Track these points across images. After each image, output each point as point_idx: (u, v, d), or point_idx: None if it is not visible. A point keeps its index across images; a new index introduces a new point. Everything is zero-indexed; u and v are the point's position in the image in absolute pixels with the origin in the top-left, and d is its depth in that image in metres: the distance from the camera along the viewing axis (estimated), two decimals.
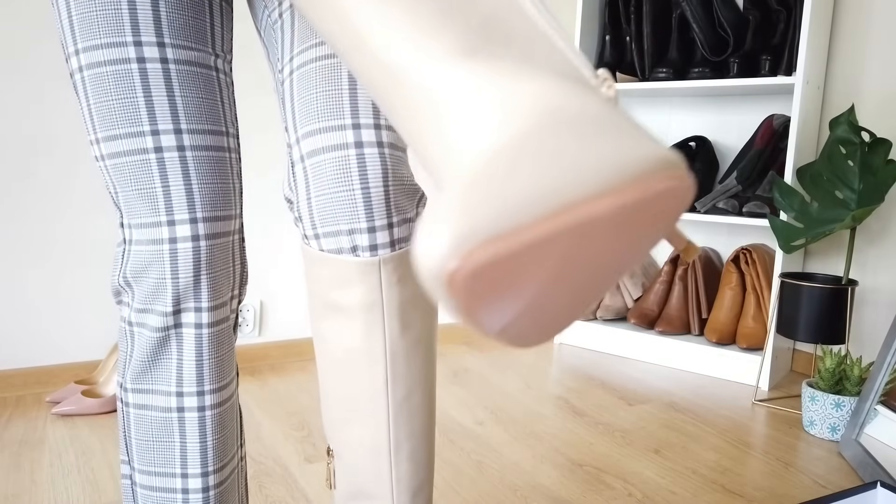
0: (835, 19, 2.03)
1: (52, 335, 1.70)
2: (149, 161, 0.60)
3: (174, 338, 0.62)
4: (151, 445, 0.63)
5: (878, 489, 1.09)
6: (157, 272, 0.61)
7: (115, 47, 0.58)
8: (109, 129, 0.60)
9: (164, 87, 0.60)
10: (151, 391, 0.63)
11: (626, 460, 1.42)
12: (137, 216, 0.61)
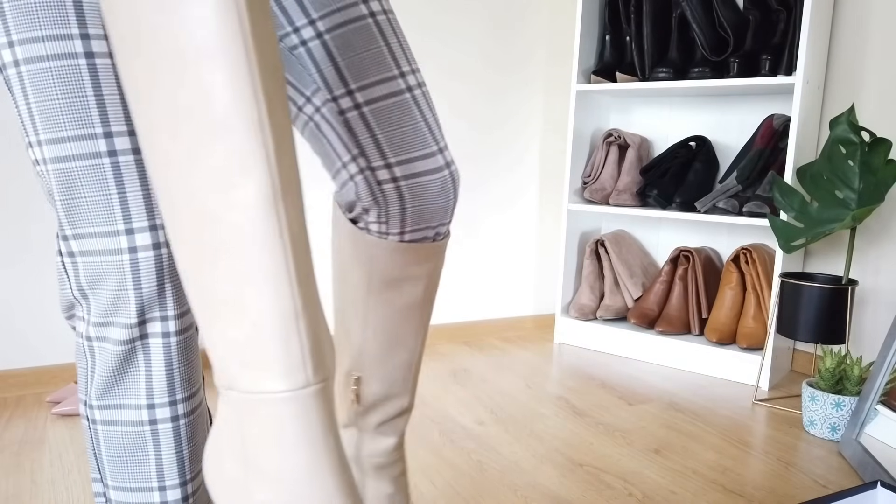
0: (835, 19, 2.03)
1: (52, 335, 1.70)
2: (102, 166, 0.55)
3: (140, 349, 0.59)
4: (125, 461, 0.60)
5: (879, 489, 1.09)
6: (115, 283, 0.57)
7: (59, 40, 0.53)
8: (54, 130, 0.54)
9: (115, 85, 0.55)
10: (120, 406, 0.60)
11: (626, 460, 1.42)
12: (87, 225, 0.56)
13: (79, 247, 0.57)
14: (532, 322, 2.52)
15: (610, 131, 2.36)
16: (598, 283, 2.40)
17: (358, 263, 0.79)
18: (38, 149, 0.55)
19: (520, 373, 2.00)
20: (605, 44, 2.34)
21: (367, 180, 0.73)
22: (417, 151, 0.72)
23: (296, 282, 0.42)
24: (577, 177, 2.39)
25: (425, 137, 0.73)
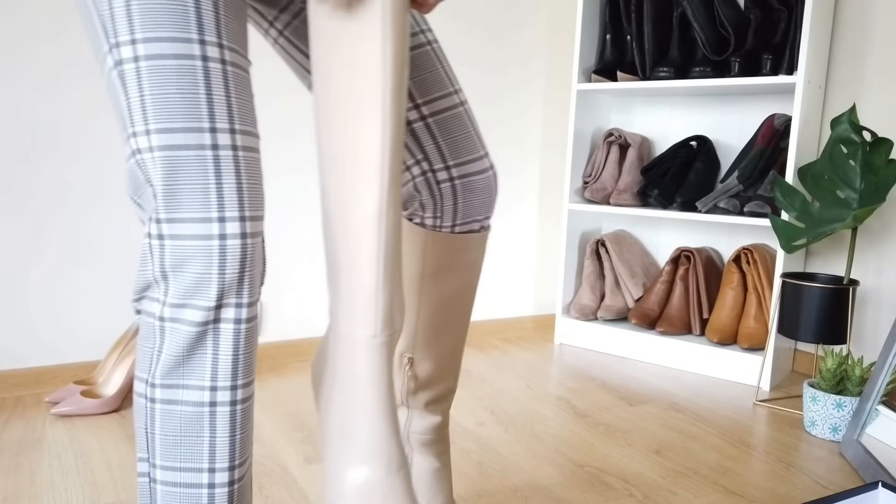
0: (836, 18, 2.03)
1: (52, 335, 1.69)
2: (205, 157, 0.62)
3: (212, 333, 0.63)
4: (179, 441, 0.64)
5: (880, 489, 1.08)
6: (201, 267, 0.62)
7: (181, 42, 0.60)
8: (166, 121, 0.61)
9: (222, 87, 0.62)
10: (183, 386, 0.64)
11: (626, 461, 1.41)
12: (183, 210, 0.62)
13: (170, 230, 0.62)
14: (532, 322, 2.51)
15: (611, 131, 2.36)
16: (598, 283, 2.40)
17: (411, 255, 0.89)
18: (146, 137, 0.61)
19: (520, 373, 1.99)
20: (606, 43, 2.33)
21: (428, 181, 0.86)
22: (470, 156, 0.86)
23: (383, 269, 0.63)
24: (578, 176, 2.38)
25: (475, 144, 0.86)
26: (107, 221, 1.73)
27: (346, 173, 0.62)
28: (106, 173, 1.72)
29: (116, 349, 1.66)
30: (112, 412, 1.56)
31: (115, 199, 1.74)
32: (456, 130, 0.85)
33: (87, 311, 1.73)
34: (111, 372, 1.61)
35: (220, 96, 0.62)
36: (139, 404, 0.65)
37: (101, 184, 1.72)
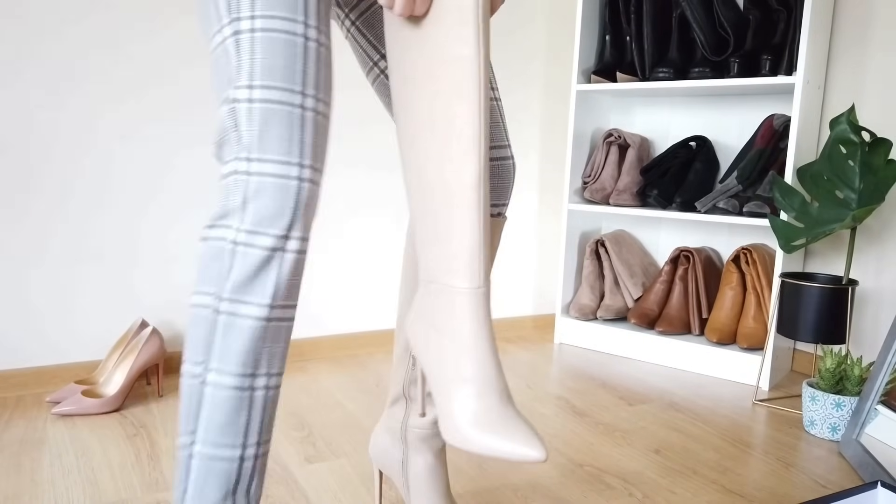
0: (835, 19, 2.03)
1: (53, 335, 1.70)
2: (294, 114, 0.75)
3: (278, 258, 0.74)
4: (240, 349, 0.75)
5: (879, 489, 1.09)
6: (279, 201, 0.74)
7: (289, 21, 0.75)
8: (269, 80, 0.74)
9: (314, 62, 0.77)
10: (246, 302, 0.74)
11: (626, 460, 1.42)
12: (270, 153, 0.74)
13: (258, 168, 0.74)
14: (532, 322, 2.52)
15: (610, 131, 2.36)
16: (598, 283, 2.40)
17: None
18: (248, 90, 0.74)
19: (520, 373, 2.00)
20: (606, 44, 2.34)
21: None
22: (498, 143, 0.97)
23: (483, 228, 0.74)
24: (578, 177, 2.39)
25: (503, 133, 0.98)
26: (108, 221, 1.73)
27: (447, 151, 0.73)
28: (108, 174, 1.72)
29: (117, 349, 1.66)
30: (113, 412, 1.56)
31: (116, 199, 1.74)
32: (491, 119, 0.95)
33: (88, 311, 1.73)
34: (112, 372, 1.61)
35: (312, 69, 0.76)
36: (202, 315, 0.75)
37: (102, 184, 1.72)
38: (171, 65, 1.77)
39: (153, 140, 1.77)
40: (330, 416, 1.60)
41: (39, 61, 1.62)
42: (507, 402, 0.75)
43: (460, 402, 0.74)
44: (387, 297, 2.19)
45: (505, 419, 0.73)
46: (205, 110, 1.83)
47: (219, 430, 0.74)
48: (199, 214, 1.85)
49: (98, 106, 1.69)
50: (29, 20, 1.59)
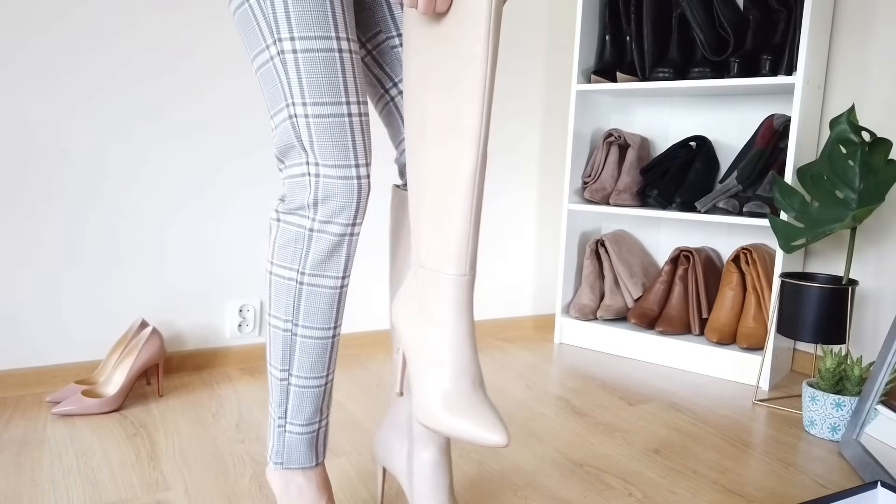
0: (835, 19, 2.03)
1: (53, 335, 1.70)
2: (344, 122, 0.89)
3: (347, 241, 0.93)
4: (321, 311, 0.95)
5: (879, 489, 1.09)
6: (345, 198, 0.91)
7: (325, 39, 0.86)
8: (318, 97, 0.87)
9: (351, 71, 0.89)
10: (324, 275, 0.94)
11: (626, 460, 1.42)
12: (331, 159, 0.90)
13: (324, 172, 0.90)
14: (532, 322, 2.52)
15: (610, 131, 2.36)
16: (598, 283, 2.40)
17: (407, 221, 1.02)
18: (303, 107, 0.88)
19: (520, 373, 2.00)
20: (606, 44, 2.34)
21: None
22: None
23: (474, 220, 0.80)
24: (578, 176, 2.39)
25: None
26: (109, 222, 1.73)
27: (448, 143, 0.80)
28: (107, 174, 1.72)
29: (117, 349, 1.66)
30: (113, 412, 1.56)
31: (116, 199, 1.74)
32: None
33: (87, 311, 1.73)
34: (112, 372, 1.61)
35: (350, 78, 0.89)
36: (287, 285, 0.95)
37: (103, 185, 1.72)
38: (159, 63, 1.77)
39: (155, 139, 1.77)
40: (330, 415, 1.60)
41: (26, 63, 1.62)
42: (479, 387, 0.83)
43: (433, 384, 0.82)
44: (386, 298, 2.19)
45: (474, 404, 0.81)
46: (199, 108, 1.83)
47: (310, 367, 0.97)
48: (199, 215, 1.85)
49: (85, 108, 1.69)
50: (19, 19, 1.59)
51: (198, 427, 1.50)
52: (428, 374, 0.82)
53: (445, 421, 0.80)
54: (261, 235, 1.95)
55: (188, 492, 1.20)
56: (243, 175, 1.90)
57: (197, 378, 1.83)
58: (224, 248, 1.90)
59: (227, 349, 1.92)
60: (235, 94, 1.86)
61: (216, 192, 1.87)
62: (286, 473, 1.01)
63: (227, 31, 1.84)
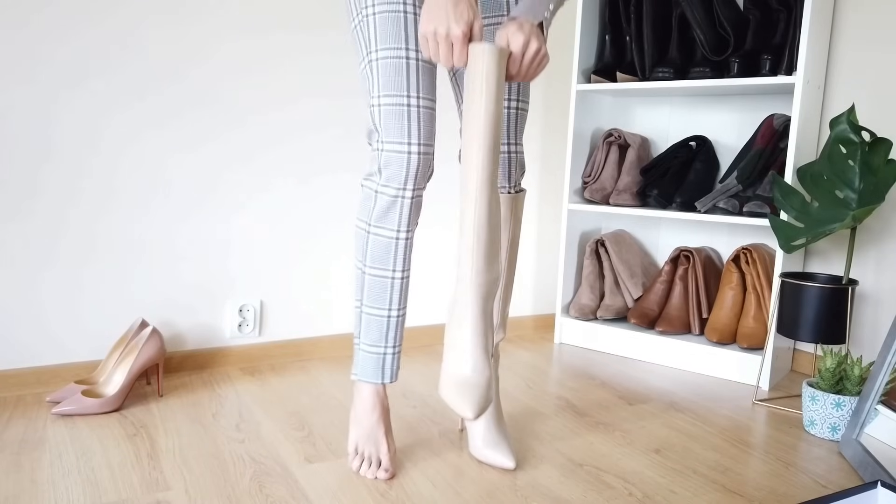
0: (835, 19, 2.04)
1: (53, 335, 1.70)
2: (403, 111, 1.18)
3: (400, 202, 1.22)
4: (380, 254, 1.25)
5: (879, 489, 1.09)
6: (397, 166, 1.20)
7: (397, 49, 1.17)
8: (386, 91, 1.18)
9: (415, 74, 1.18)
10: (383, 227, 1.24)
11: (626, 460, 1.42)
12: (391, 138, 1.19)
13: (386, 147, 1.20)
14: (532, 322, 2.52)
15: (610, 131, 2.36)
16: (598, 282, 2.40)
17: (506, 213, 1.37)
18: (377, 98, 1.20)
19: (520, 373, 2.00)
20: (606, 43, 2.34)
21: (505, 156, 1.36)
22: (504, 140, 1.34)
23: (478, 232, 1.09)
24: (578, 176, 2.39)
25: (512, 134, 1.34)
26: (110, 222, 1.74)
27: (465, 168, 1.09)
28: (108, 176, 1.72)
29: (117, 349, 1.66)
30: (113, 411, 1.56)
31: (118, 200, 1.74)
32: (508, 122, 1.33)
33: (88, 310, 1.73)
34: (112, 371, 1.61)
35: (414, 78, 1.18)
36: (361, 234, 1.27)
37: (104, 185, 1.72)
38: (176, 67, 1.77)
39: (156, 142, 1.77)
40: (330, 415, 1.60)
41: (47, 64, 1.62)
42: (479, 373, 1.08)
43: (445, 368, 1.11)
44: None
45: (469, 384, 1.08)
46: (208, 113, 1.83)
47: (374, 299, 1.27)
48: (200, 215, 1.85)
49: (104, 109, 1.69)
50: (37, 23, 1.59)
51: (198, 427, 1.50)
52: (445, 359, 1.13)
53: (443, 392, 1.10)
54: (261, 236, 1.95)
55: (188, 492, 1.20)
56: (244, 176, 1.91)
57: (197, 378, 1.83)
58: (224, 248, 1.90)
59: (228, 349, 1.92)
60: (240, 101, 1.86)
61: (217, 193, 1.87)
62: (357, 384, 1.32)
63: (236, 38, 1.84)
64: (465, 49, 1.04)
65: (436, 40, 1.04)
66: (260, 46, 1.89)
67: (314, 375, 1.89)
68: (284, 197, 1.97)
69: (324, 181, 2.03)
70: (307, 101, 1.98)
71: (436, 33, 1.03)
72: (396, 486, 1.25)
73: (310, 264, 2.04)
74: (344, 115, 2.04)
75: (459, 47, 1.04)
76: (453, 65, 1.06)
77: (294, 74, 1.95)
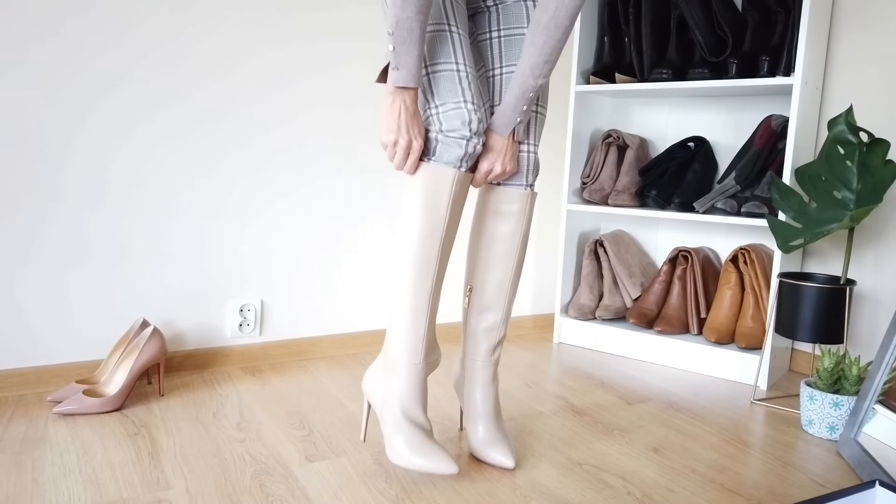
0: (833, 20, 2.04)
1: (54, 335, 1.70)
2: (454, 77, 1.21)
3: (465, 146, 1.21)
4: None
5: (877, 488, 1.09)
6: (459, 122, 1.19)
7: (440, 24, 1.22)
8: (440, 98, 1.21)
9: (461, 44, 1.23)
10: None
11: (625, 459, 1.42)
12: (447, 99, 1.21)
13: (441, 110, 1.21)
14: (531, 322, 2.52)
15: (609, 132, 2.37)
16: (597, 282, 2.41)
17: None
18: (436, 108, 1.22)
19: (519, 372, 2.00)
20: (604, 45, 2.34)
21: None
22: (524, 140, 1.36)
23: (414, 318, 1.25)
24: (576, 177, 2.39)
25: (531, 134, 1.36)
26: (110, 222, 1.74)
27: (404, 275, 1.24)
28: (109, 174, 1.72)
29: (118, 348, 1.67)
30: (114, 411, 1.56)
31: (118, 199, 1.74)
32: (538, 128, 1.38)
33: (88, 310, 1.73)
34: (113, 371, 1.62)
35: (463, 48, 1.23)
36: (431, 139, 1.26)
37: (105, 185, 1.72)
38: (162, 61, 1.78)
39: (161, 145, 1.78)
40: (330, 415, 1.60)
41: (30, 60, 1.62)
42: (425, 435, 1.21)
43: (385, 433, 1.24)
44: (386, 297, 2.19)
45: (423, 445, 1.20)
46: (199, 108, 1.83)
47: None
48: (201, 215, 1.85)
49: (89, 105, 1.70)
50: (22, 18, 1.60)
51: (199, 426, 1.50)
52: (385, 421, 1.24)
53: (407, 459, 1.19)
54: (262, 236, 1.95)
55: (189, 491, 1.21)
56: (245, 176, 1.91)
57: (198, 377, 1.83)
58: (225, 248, 1.90)
59: (228, 349, 1.93)
60: (240, 95, 1.87)
61: (217, 193, 1.88)
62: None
63: (227, 28, 1.84)
64: (419, 157, 1.20)
65: (394, 149, 1.18)
66: (262, 56, 1.89)
67: (314, 375, 1.90)
68: (286, 197, 1.98)
69: (325, 183, 2.03)
70: (309, 108, 1.98)
71: (396, 144, 1.17)
72: (396, 486, 1.26)
73: (310, 264, 2.04)
74: (346, 119, 2.04)
75: (415, 158, 1.19)
76: (405, 171, 1.21)
77: (298, 83, 1.95)
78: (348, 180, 2.08)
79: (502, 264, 1.35)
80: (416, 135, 1.18)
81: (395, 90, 1.17)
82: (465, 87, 1.20)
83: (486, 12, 1.34)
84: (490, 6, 1.33)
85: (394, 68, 1.15)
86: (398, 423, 1.22)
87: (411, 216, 1.21)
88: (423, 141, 1.20)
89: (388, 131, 1.18)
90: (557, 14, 1.17)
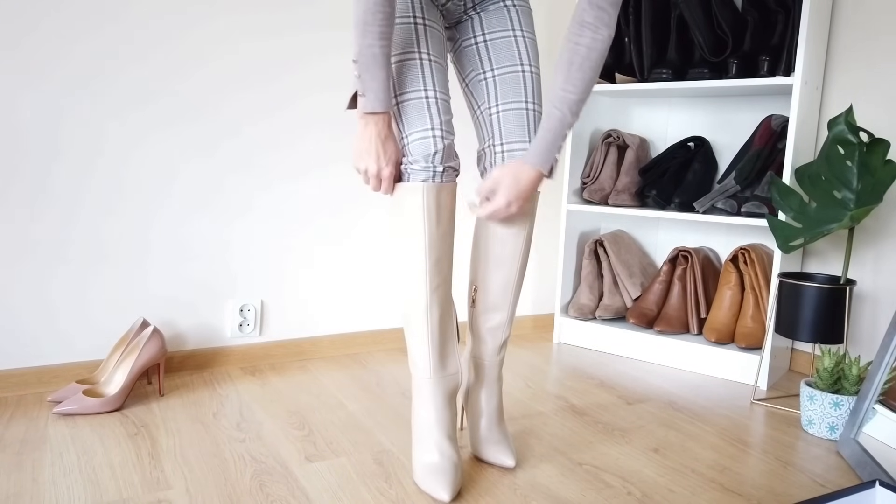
0: (833, 20, 2.04)
1: (54, 335, 1.70)
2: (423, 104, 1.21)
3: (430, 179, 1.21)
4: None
5: (877, 488, 1.09)
6: (423, 150, 1.20)
7: (406, 17, 1.23)
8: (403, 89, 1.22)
9: (425, 36, 1.24)
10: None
11: (625, 459, 1.42)
12: (415, 127, 1.20)
13: (410, 139, 1.21)
14: (531, 322, 2.52)
15: (609, 132, 2.37)
16: (597, 282, 2.41)
17: None
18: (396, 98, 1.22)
19: (519, 372, 2.00)
20: None
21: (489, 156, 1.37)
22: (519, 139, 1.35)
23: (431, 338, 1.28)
24: (577, 177, 2.39)
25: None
26: (110, 223, 1.74)
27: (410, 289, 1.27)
28: (109, 174, 1.72)
29: (118, 349, 1.67)
30: (114, 411, 1.56)
31: (123, 202, 1.74)
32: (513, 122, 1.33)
33: (88, 310, 1.73)
34: (113, 371, 1.62)
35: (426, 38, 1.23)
36: None
37: (102, 183, 1.72)
38: (180, 70, 1.78)
39: (160, 145, 1.78)
40: (330, 415, 1.60)
41: (54, 67, 1.62)
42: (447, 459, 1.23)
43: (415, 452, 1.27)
44: (386, 297, 2.19)
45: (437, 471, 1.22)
46: (212, 116, 1.83)
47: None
48: (201, 216, 1.85)
49: (110, 111, 1.70)
50: (55, 25, 1.60)
51: (199, 426, 1.50)
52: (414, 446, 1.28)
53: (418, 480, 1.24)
54: (262, 236, 1.95)
55: (189, 491, 1.21)
56: (246, 178, 1.91)
57: (198, 377, 1.83)
58: (225, 248, 1.90)
59: (228, 349, 1.93)
60: (241, 104, 1.87)
61: (218, 194, 1.88)
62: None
63: (236, 43, 1.84)
64: (392, 181, 1.21)
65: (367, 176, 1.20)
66: (258, 51, 1.89)
67: (314, 375, 1.90)
68: (286, 198, 1.98)
69: (326, 183, 2.03)
70: (307, 103, 1.98)
71: (367, 171, 1.20)
72: (396, 485, 1.26)
73: (310, 264, 2.04)
74: (345, 118, 2.04)
75: (388, 183, 1.21)
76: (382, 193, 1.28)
77: (294, 75, 1.95)
78: (351, 181, 2.08)
79: (507, 264, 1.35)
80: (386, 161, 1.19)
81: (365, 116, 1.17)
82: (434, 112, 1.20)
83: (469, 20, 1.36)
84: (472, 15, 1.35)
85: (361, 95, 1.16)
86: (415, 435, 1.27)
87: (395, 235, 1.25)
88: (394, 167, 1.20)
89: (358, 158, 1.21)
90: (590, 55, 1.17)
